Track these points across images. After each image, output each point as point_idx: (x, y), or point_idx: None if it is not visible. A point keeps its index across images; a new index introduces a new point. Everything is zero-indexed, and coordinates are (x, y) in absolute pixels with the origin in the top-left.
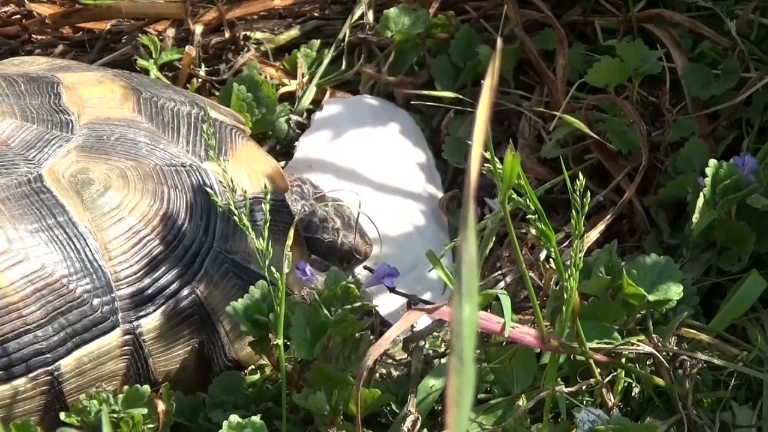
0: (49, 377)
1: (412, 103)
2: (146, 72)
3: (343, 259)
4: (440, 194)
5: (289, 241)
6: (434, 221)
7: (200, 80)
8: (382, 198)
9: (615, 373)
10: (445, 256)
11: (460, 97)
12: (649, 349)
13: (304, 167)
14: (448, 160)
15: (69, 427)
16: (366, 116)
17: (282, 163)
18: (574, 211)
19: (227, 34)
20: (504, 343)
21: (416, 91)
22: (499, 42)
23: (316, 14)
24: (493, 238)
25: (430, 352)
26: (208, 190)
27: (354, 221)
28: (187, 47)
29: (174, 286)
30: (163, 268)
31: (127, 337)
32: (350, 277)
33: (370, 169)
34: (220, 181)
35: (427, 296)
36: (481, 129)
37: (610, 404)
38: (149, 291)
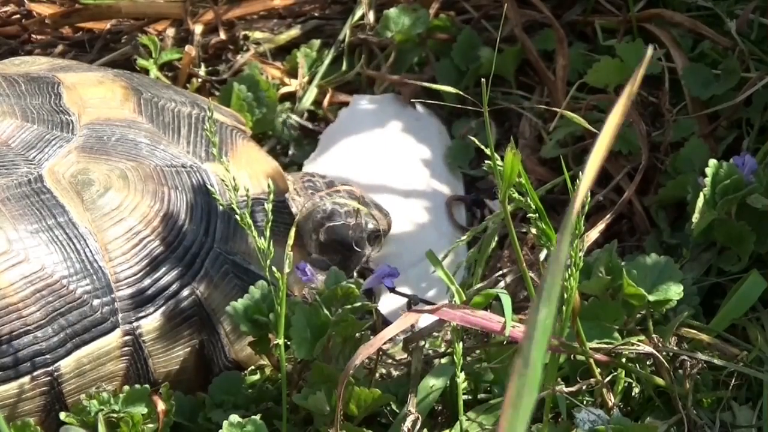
0: (49, 378)
1: (414, 101)
2: (146, 72)
3: (370, 238)
4: (459, 189)
5: (290, 241)
6: (448, 216)
7: (200, 80)
8: (398, 194)
9: (615, 373)
10: (458, 253)
11: (462, 94)
12: (649, 349)
13: (323, 163)
14: (451, 163)
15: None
16: (390, 114)
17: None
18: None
19: (223, 35)
20: (504, 343)
21: (422, 83)
22: (650, 51)
23: (316, 14)
24: (495, 239)
25: (430, 352)
26: (210, 189)
27: (367, 199)
28: (186, 47)
29: (174, 286)
30: (163, 269)
31: (127, 337)
32: (364, 258)
33: (390, 166)
34: (222, 181)
35: (435, 289)
36: (613, 128)
37: (610, 404)
38: (149, 292)
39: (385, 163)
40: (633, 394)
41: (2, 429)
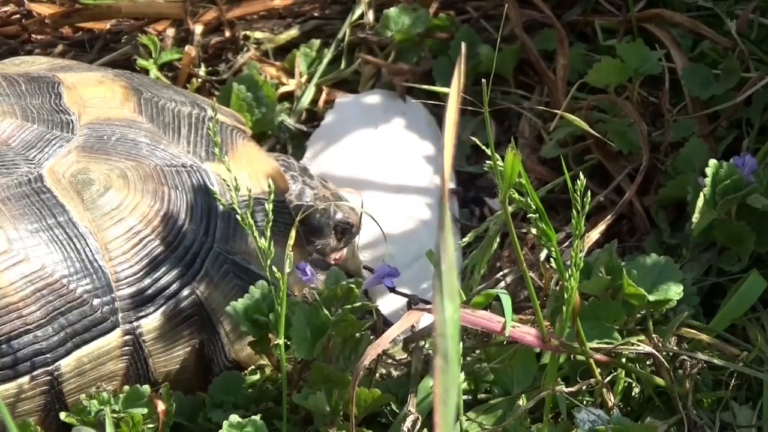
0: (49, 377)
1: (412, 100)
2: (146, 72)
3: (337, 228)
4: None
5: (290, 242)
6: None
7: (200, 80)
8: (392, 190)
9: (615, 373)
10: (455, 252)
11: (461, 94)
12: (649, 349)
13: (314, 167)
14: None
15: (72, 426)
16: (378, 111)
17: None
18: (574, 211)
19: (228, 34)
20: (504, 343)
21: (417, 85)
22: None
23: (316, 14)
24: (497, 240)
25: (430, 352)
26: (210, 189)
27: (339, 194)
28: (186, 47)
29: (174, 286)
30: (164, 269)
31: (127, 337)
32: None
33: (381, 163)
34: (224, 180)
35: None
36: None
37: (610, 404)
38: (149, 291)
39: (375, 162)
40: (633, 394)
41: (10, 428)
